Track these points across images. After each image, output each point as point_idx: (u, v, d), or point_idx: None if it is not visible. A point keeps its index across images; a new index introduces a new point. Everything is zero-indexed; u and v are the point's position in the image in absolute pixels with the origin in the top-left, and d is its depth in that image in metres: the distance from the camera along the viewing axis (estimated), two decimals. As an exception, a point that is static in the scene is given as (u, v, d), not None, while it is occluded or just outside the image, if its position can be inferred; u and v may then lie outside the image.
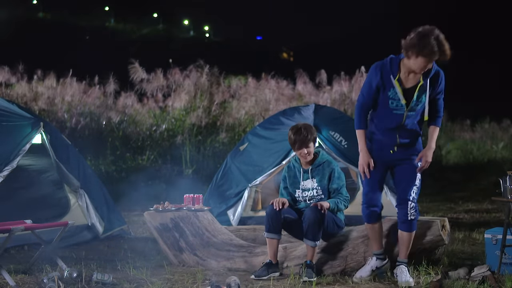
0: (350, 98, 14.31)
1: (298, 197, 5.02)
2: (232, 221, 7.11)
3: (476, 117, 19.63)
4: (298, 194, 5.02)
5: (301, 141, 4.93)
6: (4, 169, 5.78)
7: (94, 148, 11.72)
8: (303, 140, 4.92)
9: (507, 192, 4.65)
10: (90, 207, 6.81)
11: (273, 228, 4.82)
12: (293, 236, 5.11)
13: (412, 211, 4.46)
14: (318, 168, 5.01)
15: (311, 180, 5.02)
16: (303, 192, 5.01)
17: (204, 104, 12.96)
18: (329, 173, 4.99)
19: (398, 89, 4.42)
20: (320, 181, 4.99)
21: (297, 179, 5.05)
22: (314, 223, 4.70)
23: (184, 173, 11.88)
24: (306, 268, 4.65)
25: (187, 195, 5.60)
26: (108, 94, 13.77)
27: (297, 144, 4.94)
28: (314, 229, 4.70)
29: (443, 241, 4.70)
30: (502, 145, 17.21)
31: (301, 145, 4.94)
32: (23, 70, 13.71)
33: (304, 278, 4.55)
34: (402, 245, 4.55)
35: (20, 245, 6.05)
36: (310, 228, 4.72)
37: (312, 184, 5.00)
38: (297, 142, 4.94)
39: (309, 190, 4.99)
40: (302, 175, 5.03)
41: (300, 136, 4.94)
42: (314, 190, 4.98)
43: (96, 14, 67.35)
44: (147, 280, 4.67)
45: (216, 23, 68.68)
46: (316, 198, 4.97)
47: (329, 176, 4.99)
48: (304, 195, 5.00)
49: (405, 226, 4.50)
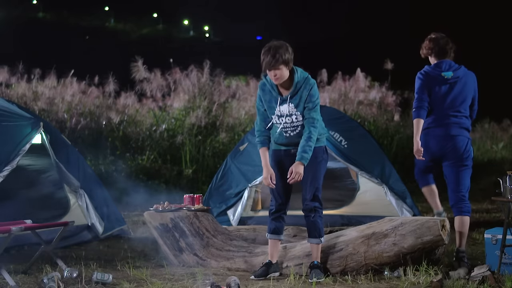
0: (350, 98, 14.31)
1: (275, 123, 4.72)
2: (232, 221, 7.12)
3: (476, 117, 19.60)
4: (275, 120, 4.71)
5: (269, 62, 4.49)
6: (4, 169, 5.78)
7: (94, 148, 11.72)
8: (270, 61, 4.48)
9: (507, 192, 4.66)
10: (90, 207, 6.80)
11: (276, 229, 4.83)
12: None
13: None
14: (296, 95, 4.61)
15: (287, 105, 4.64)
16: (279, 118, 4.69)
17: (204, 104, 12.96)
18: (307, 92, 4.59)
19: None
20: (298, 106, 4.63)
21: (272, 104, 4.70)
22: (312, 223, 4.71)
23: (184, 173, 11.88)
24: (314, 269, 4.64)
25: (187, 195, 5.60)
26: (108, 94, 13.78)
27: (264, 64, 4.52)
28: (315, 228, 4.70)
29: (443, 241, 4.70)
30: (502, 145, 17.21)
31: (268, 65, 4.51)
32: (23, 70, 13.70)
33: (314, 279, 4.53)
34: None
35: (20, 245, 6.04)
36: (311, 229, 4.72)
37: (289, 110, 4.64)
38: (264, 62, 4.52)
39: (286, 117, 4.65)
40: (279, 102, 4.66)
41: (267, 56, 4.50)
42: (293, 116, 4.65)
43: (96, 14, 67.34)
44: (147, 280, 4.67)
45: (216, 23, 68.66)
46: (296, 124, 4.66)
47: (306, 98, 4.59)
48: (280, 121, 4.69)
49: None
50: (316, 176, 4.73)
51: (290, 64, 4.61)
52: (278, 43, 4.59)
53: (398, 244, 4.72)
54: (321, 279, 4.55)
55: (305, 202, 4.75)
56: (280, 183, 4.79)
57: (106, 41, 52.43)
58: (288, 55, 4.56)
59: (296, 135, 4.71)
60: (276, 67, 4.53)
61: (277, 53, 4.51)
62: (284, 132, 4.73)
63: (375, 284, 4.50)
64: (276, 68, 4.53)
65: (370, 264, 4.77)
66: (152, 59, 14.50)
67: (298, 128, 4.70)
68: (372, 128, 13.75)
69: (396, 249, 4.73)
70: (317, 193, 4.73)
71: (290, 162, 4.71)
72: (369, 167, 6.98)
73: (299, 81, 4.64)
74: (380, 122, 14.22)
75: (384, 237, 4.77)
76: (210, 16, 66.06)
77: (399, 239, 4.73)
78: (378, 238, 4.78)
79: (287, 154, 4.78)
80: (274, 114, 4.72)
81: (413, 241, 4.69)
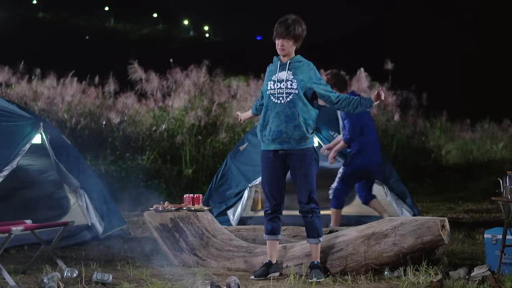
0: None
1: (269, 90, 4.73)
2: (232, 221, 7.12)
3: (476, 117, 19.63)
4: (270, 87, 4.73)
5: (280, 32, 4.66)
6: (4, 169, 5.78)
7: (94, 148, 11.72)
8: (282, 31, 4.64)
9: (507, 192, 4.66)
10: (90, 207, 6.80)
11: (273, 230, 4.83)
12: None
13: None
14: (297, 64, 4.73)
15: (286, 72, 4.70)
16: (275, 83, 4.71)
17: (204, 104, 12.95)
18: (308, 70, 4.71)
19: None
20: (296, 74, 4.69)
21: (272, 72, 4.79)
22: (310, 223, 4.71)
23: (184, 173, 11.88)
24: (314, 269, 4.64)
25: (187, 195, 5.60)
26: (108, 94, 13.77)
27: (275, 32, 4.68)
28: (313, 228, 4.70)
29: (443, 241, 4.70)
30: (502, 145, 17.20)
31: (278, 34, 4.66)
32: (23, 70, 13.70)
33: (314, 279, 4.53)
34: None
35: (20, 245, 6.05)
36: (310, 229, 4.73)
37: (287, 76, 4.69)
38: (276, 30, 4.68)
39: (282, 82, 4.68)
40: (278, 67, 4.74)
41: (280, 26, 4.66)
42: (289, 82, 4.67)
43: (96, 14, 67.37)
44: (147, 280, 4.67)
45: (216, 23, 68.67)
46: (290, 91, 4.66)
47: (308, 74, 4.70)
48: (275, 87, 4.70)
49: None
50: (308, 179, 4.70)
51: (299, 41, 4.74)
52: (295, 17, 4.72)
53: (398, 244, 4.72)
54: (321, 279, 4.55)
55: (301, 205, 4.76)
56: (273, 185, 4.79)
57: (106, 41, 52.43)
58: (301, 31, 4.71)
59: (287, 104, 4.66)
60: (286, 38, 4.65)
61: (292, 25, 4.64)
62: (276, 98, 4.70)
63: (375, 284, 4.50)
64: (285, 38, 4.65)
65: (370, 264, 4.77)
66: (152, 59, 14.50)
67: (290, 96, 4.66)
68: (372, 128, 13.73)
69: (396, 249, 4.73)
70: (311, 195, 4.72)
71: (280, 163, 4.75)
72: (369, 167, 6.96)
73: (300, 58, 4.77)
74: (380, 122, 14.22)
75: (384, 237, 4.77)
76: (210, 16, 66.04)
77: (399, 239, 4.73)
78: (378, 238, 4.78)
79: (276, 155, 4.77)
80: (271, 80, 4.76)
81: (413, 241, 4.69)
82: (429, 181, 13.65)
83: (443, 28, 44.46)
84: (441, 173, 14.76)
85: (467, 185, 13.19)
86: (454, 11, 47.91)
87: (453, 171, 15.09)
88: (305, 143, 4.72)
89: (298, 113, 4.65)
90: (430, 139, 16.63)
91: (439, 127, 17.99)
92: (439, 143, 16.94)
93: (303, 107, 4.67)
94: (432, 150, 15.81)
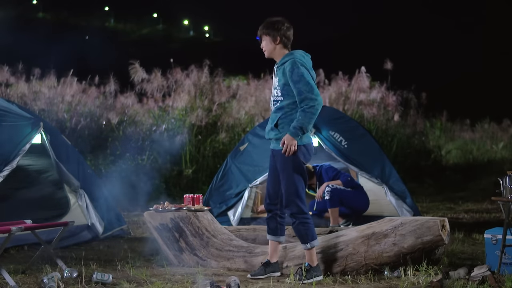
0: (350, 98, 14.31)
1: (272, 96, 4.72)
2: (232, 221, 7.11)
3: (476, 117, 19.64)
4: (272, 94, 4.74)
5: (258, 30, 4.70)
6: (4, 169, 5.78)
7: (94, 148, 11.71)
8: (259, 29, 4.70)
9: (507, 192, 4.66)
10: (90, 207, 6.81)
11: (269, 230, 4.84)
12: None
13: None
14: (281, 67, 4.58)
15: (275, 78, 4.66)
16: (272, 91, 4.72)
17: (204, 104, 12.95)
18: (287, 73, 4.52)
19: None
20: (280, 80, 4.59)
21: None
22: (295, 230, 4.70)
23: (184, 173, 11.88)
24: (300, 270, 4.64)
25: (187, 195, 5.60)
26: (108, 94, 13.77)
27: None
28: (299, 235, 4.68)
29: (443, 241, 4.70)
30: (502, 145, 17.21)
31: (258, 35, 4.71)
32: (23, 70, 13.70)
33: (304, 281, 4.54)
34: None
35: (20, 245, 6.05)
36: (297, 235, 4.74)
37: (274, 83, 4.65)
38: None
39: (273, 89, 4.66)
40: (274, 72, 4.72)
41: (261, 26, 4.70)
42: (275, 90, 4.63)
43: (96, 14, 67.32)
44: (147, 280, 4.67)
45: (216, 23, 68.64)
46: (275, 99, 4.62)
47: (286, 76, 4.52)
48: (272, 95, 4.71)
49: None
50: (285, 181, 4.61)
51: (275, 39, 4.64)
52: (272, 19, 4.71)
53: (398, 244, 4.72)
54: (311, 280, 4.54)
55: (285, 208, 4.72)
56: (269, 183, 4.81)
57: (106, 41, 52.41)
58: (271, 30, 4.65)
59: (274, 110, 4.65)
60: (260, 36, 4.68)
61: (265, 23, 4.67)
62: (272, 106, 4.73)
63: (375, 284, 4.50)
64: (260, 36, 4.68)
65: (370, 264, 4.77)
66: (152, 59, 14.49)
67: (277, 103, 4.65)
68: (372, 128, 13.75)
69: (396, 249, 4.73)
70: (292, 198, 4.58)
71: (274, 163, 4.72)
72: (369, 167, 6.98)
73: (285, 59, 4.63)
74: (380, 122, 14.22)
75: (384, 237, 4.77)
76: (210, 16, 66.03)
77: (399, 239, 4.73)
78: (378, 238, 4.78)
79: (272, 154, 4.78)
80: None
81: (413, 241, 4.70)
82: (429, 181, 13.65)
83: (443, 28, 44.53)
84: (441, 173, 14.77)
85: (467, 185, 13.20)
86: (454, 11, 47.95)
87: (453, 171, 15.10)
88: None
89: (280, 117, 4.61)
90: (430, 139, 16.64)
91: (439, 127, 18.00)
92: (439, 143, 16.95)
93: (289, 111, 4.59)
94: (432, 150, 15.81)
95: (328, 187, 6.97)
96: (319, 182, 7.25)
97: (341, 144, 7.02)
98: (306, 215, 4.63)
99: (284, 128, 4.57)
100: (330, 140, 6.99)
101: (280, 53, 4.66)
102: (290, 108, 4.57)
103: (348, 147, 6.98)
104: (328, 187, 6.97)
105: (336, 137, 7.04)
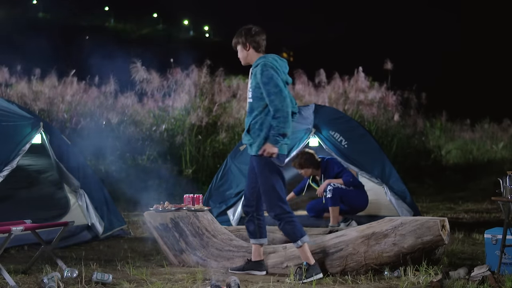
0: (349, 98, 14.32)
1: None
2: (232, 221, 7.11)
3: (476, 117, 19.63)
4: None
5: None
6: (4, 169, 5.78)
7: (94, 148, 11.72)
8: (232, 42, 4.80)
9: (507, 192, 4.66)
10: (90, 207, 6.80)
11: (249, 231, 4.93)
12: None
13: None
14: (253, 70, 4.70)
15: (249, 80, 4.76)
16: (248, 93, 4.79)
17: (204, 104, 12.95)
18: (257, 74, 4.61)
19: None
20: (251, 83, 4.69)
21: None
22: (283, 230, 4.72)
23: (184, 173, 11.88)
24: (299, 269, 4.65)
25: (187, 195, 5.60)
26: (108, 94, 13.77)
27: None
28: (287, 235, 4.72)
29: (443, 241, 4.70)
30: (502, 145, 17.21)
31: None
32: (22, 70, 13.70)
33: (304, 280, 4.55)
34: None
35: (20, 245, 6.05)
36: (286, 235, 4.77)
37: (249, 86, 4.74)
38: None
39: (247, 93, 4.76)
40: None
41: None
42: (249, 92, 4.72)
43: (96, 14, 67.31)
44: (147, 280, 4.67)
45: (216, 23, 68.63)
46: (248, 101, 4.70)
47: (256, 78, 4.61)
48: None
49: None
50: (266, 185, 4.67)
51: (245, 46, 4.77)
52: (242, 27, 4.83)
53: (398, 244, 4.72)
54: (308, 279, 4.54)
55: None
56: (246, 185, 4.94)
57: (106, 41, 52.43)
58: (240, 38, 4.78)
59: (248, 113, 4.73)
60: (234, 47, 4.80)
61: (239, 34, 4.79)
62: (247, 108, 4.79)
63: (375, 284, 4.50)
64: (234, 47, 4.80)
65: (370, 264, 4.77)
66: (152, 59, 14.48)
67: (249, 106, 4.74)
68: (372, 128, 13.75)
69: (396, 249, 4.73)
70: (273, 200, 4.66)
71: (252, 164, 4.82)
72: (369, 167, 6.98)
73: (257, 62, 4.71)
74: (380, 122, 14.22)
75: (384, 237, 4.77)
76: (210, 16, 66.03)
77: (399, 239, 4.73)
78: (378, 238, 4.78)
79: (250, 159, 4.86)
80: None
81: (413, 241, 4.69)
82: (429, 181, 13.65)
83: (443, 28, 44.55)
84: (441, 173, 14.77)
85: (467, 185, 13.20)
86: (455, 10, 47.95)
87: (453, 171, 15.10)
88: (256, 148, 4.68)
89: (251, 122, 4.68)
90: (430, 139, 16.64)
91: (439, 127, 18.00)
92: (439, 143, 16.94)
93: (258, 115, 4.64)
94: (432, 150, 15.82)
95: (330, 185, 6.96)
96: (324, 175, 7.21)
97: (341, 144, 7.02)
98: (290, 214, 4.69)
99: (255, 133, 4.67)
100: (330, 140, 7.00)
101: (253, 58, 4.77)
102: (259, 111, 4.66)
103: (348, 147, 6.98)
104: (330, 186, 6.95)
105: (336, 137, 7.05)
